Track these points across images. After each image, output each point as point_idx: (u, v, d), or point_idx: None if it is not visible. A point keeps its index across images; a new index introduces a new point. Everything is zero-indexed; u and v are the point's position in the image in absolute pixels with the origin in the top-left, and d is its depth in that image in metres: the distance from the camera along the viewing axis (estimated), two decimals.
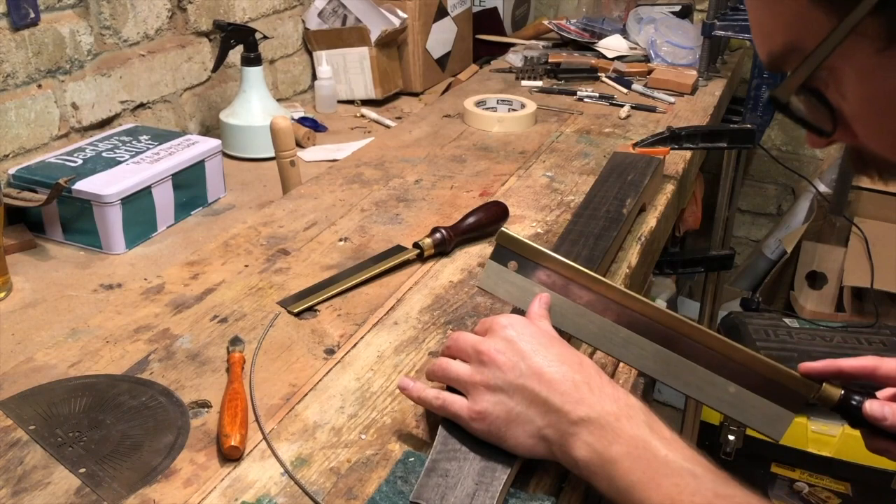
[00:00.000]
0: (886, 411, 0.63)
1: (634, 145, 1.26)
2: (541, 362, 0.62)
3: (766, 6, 0.48)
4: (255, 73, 1.53)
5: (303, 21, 1.85)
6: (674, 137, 1.24)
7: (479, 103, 1.55)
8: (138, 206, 1.17)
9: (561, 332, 0.70)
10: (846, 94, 0.47)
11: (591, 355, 0.82)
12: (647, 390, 2.42)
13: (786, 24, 0.47)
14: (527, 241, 0.73)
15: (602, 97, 1.67)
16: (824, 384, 0.66)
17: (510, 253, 0.74)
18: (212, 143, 1.31)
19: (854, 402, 0.65)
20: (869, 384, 0.67)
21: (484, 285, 0.76)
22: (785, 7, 0.46)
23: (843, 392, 0.65)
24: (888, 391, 0.67)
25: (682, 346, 0.67)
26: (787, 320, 2.11)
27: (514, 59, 1.94)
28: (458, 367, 0.65)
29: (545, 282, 0.72)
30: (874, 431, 0.65)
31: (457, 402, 0.65)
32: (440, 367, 0.67)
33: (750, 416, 0.66)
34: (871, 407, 0.63)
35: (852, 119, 0.48)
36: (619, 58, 1.91)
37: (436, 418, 0.72)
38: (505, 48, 2.11)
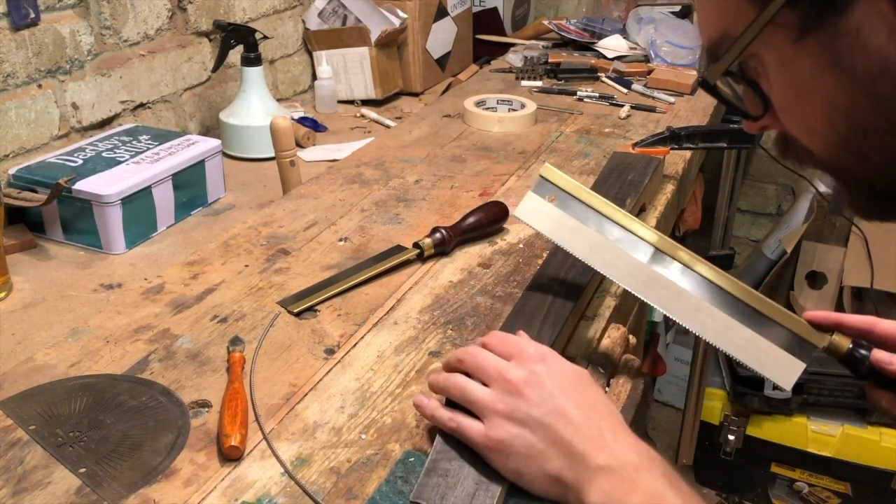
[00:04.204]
0: (894, 358, 0.66)
1: (634, 145, 1.26)
2: (569, 403, 0.61)
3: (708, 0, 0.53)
4: (255, 73, 1.53)
5: (303, 21, 1.85)
6: (674, 137, 1.24)
7: (479, 103, 1.55)
8: (138, 206, 1.17)
9: (588, 268, 0.75)
10: (771, 82, 0.52)
11: (619, 296, 0.89)
12: (647, 390, 2.42)
13: (720, 13, 0.52)
14: (569, 178, 0.77)
15: (602, 97, 1.67)
16: (835, 335, 0.68)
17: (552, 187, 0.78)
18: (212, 143, 1.31)
19: (859, 355, 0.67)
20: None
21: (519, 214, 0.80)
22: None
23: (851, 344, 0.67)
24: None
25: (704, 290, 0.70)
26: None
27: (514, 59, 1.94)
28: (479, 391, 0.64)
29: (581, 217, 0.76)
30: (879, 384, 0.67)
31: (473, 428, 0.63)
32: (457, 385, 0.65)
33: (762, 363, 0.68)
34: (879, 354, 0.66)
35: (777, 108, 0.53)
36: (619, 58, 1.91)
37: None
38: (505, 48, 2.11)
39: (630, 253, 0.73)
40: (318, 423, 0.71)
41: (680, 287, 0.70)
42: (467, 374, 0.66)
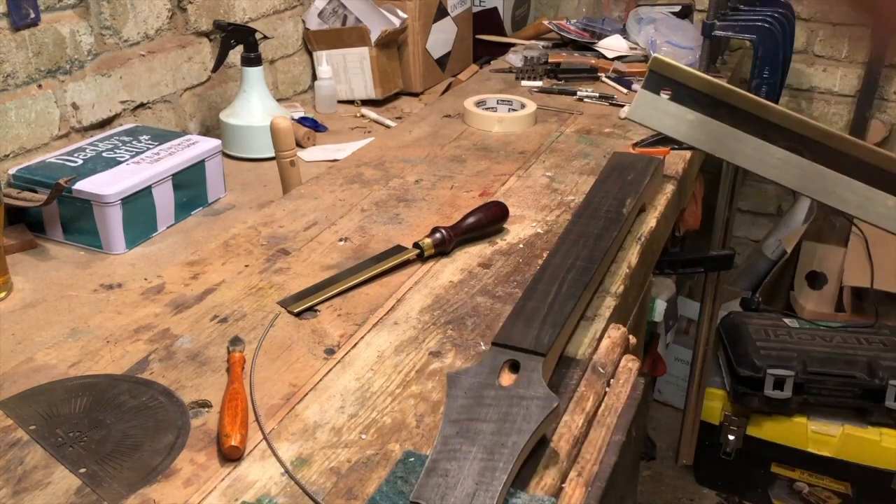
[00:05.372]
0: None
1: (634, 145, 1.26)
2: None
3: None
4: (255, 73, 1.53)
5: (303, 21, 1.85)
6: (673, 137, 1.24)
7: (479, 103, 1.55)
8: (138, 206, 1.17)
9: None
10: None
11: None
12: (647, 390, 2.42)
13: None
14: (682, 66, 0.71)
15: (602, 97, 1.67)
16: None
17: (664, 80, 0.72)
18: (212, 143, 1.31)
19: None
20: None
21: (634, 116, 0.73)
22: None
23: None
24: None
25: (840, 163, 0.65)
26: (787, 320, 2.11)
27: (514, 59, 1.94)
28: None
29: (699, 108, 0.70)
30: None
31: None
32: None
33: None
34: None
35: None
36: (619, 58, 1.91)
37: (436, 418, 0.72)
38: (505, 48, 2.11)
39: (759, 138, 0.68)
40: (318, 423, 0.71)
41: (816, 165, 0.66)
42: None
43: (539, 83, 1.78)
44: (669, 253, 1.87)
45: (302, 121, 1.67)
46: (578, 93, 1.68)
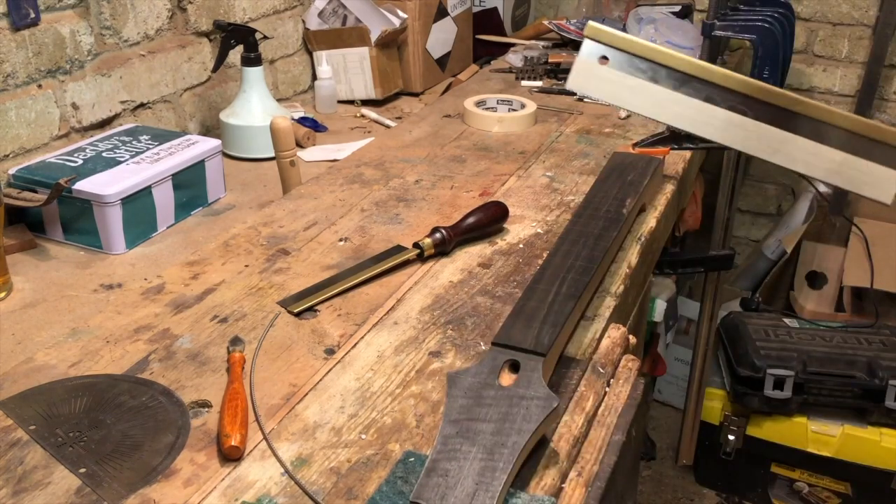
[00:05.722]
0: None
1: (634, 145, 1.26)
2: None
3: None
4: (255, 73, 1.53)
5: (303, 21, 1.85)
6: (674, 137, 1.24)
7: (479, 103, 1.55)
8: (138, 206, 1.17)
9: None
10: None
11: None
12: (647, 390, 2.42)
13: None
14: (618, 32, 0.70)
15: None
16: None
17: (601, 47, 0.71)
18: (212, 143, 1.31)
19: None
20: None
21: (573, 86, 0.72)
22: None
23: None
24: None
25: (784, 121, 0.65)
26: (787, 320, 2.11)
27: (514, 59, 1.94)
28: None
29: (639, 73, 0.70)
30: None
31: None
32: None
33: (858, 182, 0.65)
34: None
35: None
36: None
37: (436, 418, 0.72)
38: (505, 48, 2.11)
39: (699, 100, 0.67)
40: (318, 423, 0.71)
41: (760, 124, 0.65)
42: None
43: (539, 83, 1.78)
44: (669, 253, 1.87)
45: (302, 121, 1.67)
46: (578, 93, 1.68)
